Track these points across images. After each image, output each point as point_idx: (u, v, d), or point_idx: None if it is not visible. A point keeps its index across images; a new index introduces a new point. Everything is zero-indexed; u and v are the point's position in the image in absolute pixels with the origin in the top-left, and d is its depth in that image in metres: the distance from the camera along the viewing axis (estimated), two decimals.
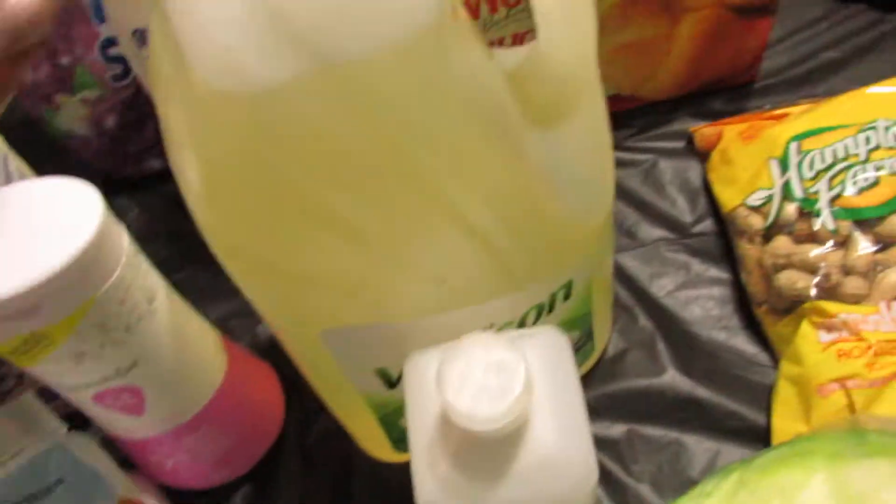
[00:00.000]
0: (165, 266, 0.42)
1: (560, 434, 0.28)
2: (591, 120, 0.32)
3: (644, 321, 0.48)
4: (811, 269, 0.43)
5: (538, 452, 0.28)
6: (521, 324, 0.35)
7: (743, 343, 0.46)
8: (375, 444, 0.43)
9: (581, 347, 0.42)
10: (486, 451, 0.28)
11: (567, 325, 0.39)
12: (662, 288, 0.49)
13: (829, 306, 0.41)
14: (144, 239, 0.55)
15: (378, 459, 0.44)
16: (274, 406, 0.45)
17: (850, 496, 0.28)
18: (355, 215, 0.27)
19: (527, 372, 0.26)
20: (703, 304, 0.48)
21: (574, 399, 0.30)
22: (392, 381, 0.36)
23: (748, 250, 0.46)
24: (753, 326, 0.46)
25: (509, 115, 0.28)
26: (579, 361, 0.44)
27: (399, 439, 0.42)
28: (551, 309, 0.36)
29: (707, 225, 0.51)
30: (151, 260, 0.36)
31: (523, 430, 0.28)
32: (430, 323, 0.33)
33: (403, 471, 0.30)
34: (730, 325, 0.47)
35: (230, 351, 0.40)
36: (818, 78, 0.57)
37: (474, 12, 0.49)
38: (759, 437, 0.42)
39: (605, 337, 0.46)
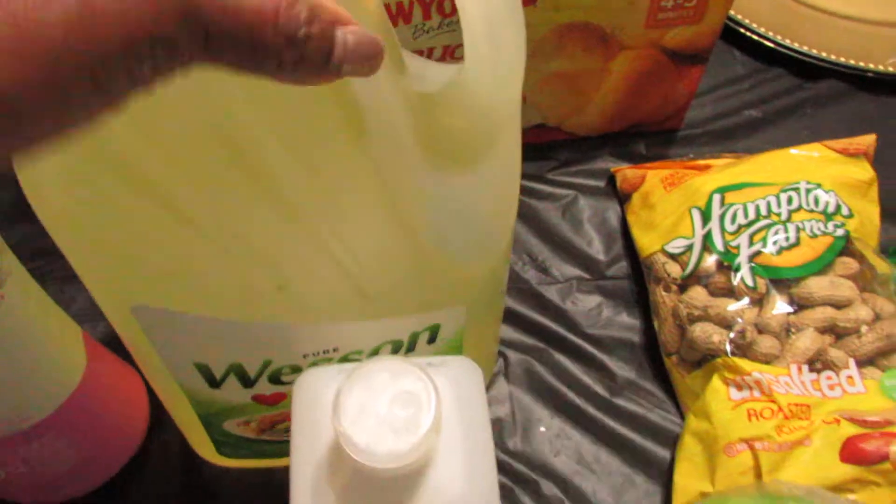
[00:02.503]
0: (28, 246, 0.37)
1: (466, 479, 0.25)
2: (503, 163, 0.29)
3: (556, 356, 0.46)
4: (727, 323, 0.41)
5: (441, 498, 0.25)
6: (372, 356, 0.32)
7: (652, 387, 0.45)
8: (200, 444, 0.39)
9: None
10: (381, 491, 0.25)
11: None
12: (575, 327, 0.47)
13: (744, 364, 0.40)
14: (7, 214, 0.49)
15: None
16: (136, 414, 0.40)
17: None
18: (183, 193, 0.23)
19: (438, 406, 0.23)
20: (613, 348, 0.46)
21: (483, 438, 0.27)
22: (215, 381, 0.32)
23: (663, 298, 0.45)
24: (662, 376, 0.45)
25: (401, 146, 0.25)
26: None
27: (223, 444, 0.38)
28: (411, 349, 0.33)
29: (622, 268, 0.50)
30: (13, 237, 0.31)
31: (426, 471, 0.25)
32: (260, 328, 0.29)
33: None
34: (640, 371, 0.45)
35: (91, 350, 0.35)
36: (739, 134, 0.57)
37: (406, 17, 0.46)
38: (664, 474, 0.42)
39: None
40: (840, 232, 0.43)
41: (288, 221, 0.25)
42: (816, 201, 0.45)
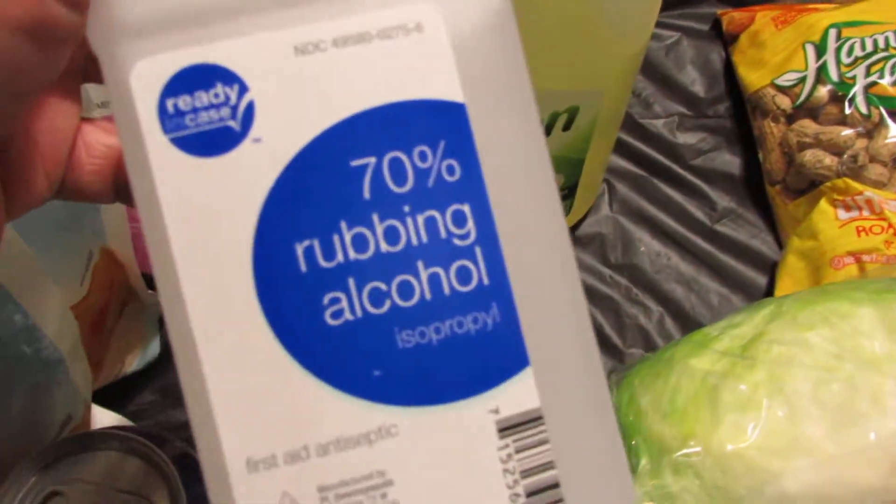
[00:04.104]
0: None
1: None
2: None
3: (658, 184, 0.47)
4: (837, 149, 0.42)
5: None
6: None
7: (752, 217, 0.46)
8: None
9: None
10: None
11: (555, 164, 0.36)
12: (677, 157, 0.48)
13: (855, 184, 0.40)
14: None
15: None
16: None
17: None
18: None
19: None
20: (715, 179, 0.47)
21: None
22: None
23: (771, 129, 0.45)
24: (763, 207, 0.46)
25: None
26: None
27: None
28: (547, 133, 0.34)
29: (724, 107, 0.50)
30: None
31: None
32: None
33: None
34: (741, 201, 0.46)
35: None
36: None
37: None
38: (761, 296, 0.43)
39: (588, 200, 0.44)
40: None
41: None
42: None
